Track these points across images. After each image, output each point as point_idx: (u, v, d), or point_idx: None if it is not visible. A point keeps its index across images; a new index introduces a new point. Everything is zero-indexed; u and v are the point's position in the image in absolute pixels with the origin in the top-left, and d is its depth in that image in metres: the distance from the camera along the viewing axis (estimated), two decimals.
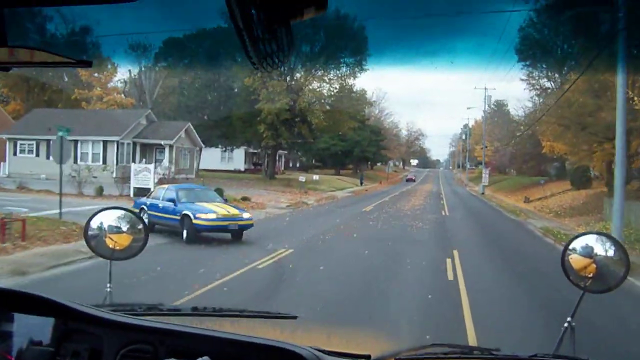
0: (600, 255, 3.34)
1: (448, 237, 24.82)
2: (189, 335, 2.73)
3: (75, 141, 50.94)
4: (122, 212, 3.85)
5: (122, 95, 75.50)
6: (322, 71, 62.49)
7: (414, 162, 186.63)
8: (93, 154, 51.51)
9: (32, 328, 2.81)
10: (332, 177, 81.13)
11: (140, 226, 3.81)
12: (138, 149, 54.38)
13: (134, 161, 51.45)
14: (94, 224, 3.72)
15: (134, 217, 3.87)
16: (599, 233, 3.62)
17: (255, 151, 75.99)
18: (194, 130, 58.05)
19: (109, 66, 69.34)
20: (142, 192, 36.67)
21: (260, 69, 1.71)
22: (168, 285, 13.03)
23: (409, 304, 12.33)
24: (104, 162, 48.80)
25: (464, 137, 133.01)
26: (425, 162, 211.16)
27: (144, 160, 52.13)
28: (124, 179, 38.33)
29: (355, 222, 28.58)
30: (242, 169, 77.28)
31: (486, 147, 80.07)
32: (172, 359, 2.52)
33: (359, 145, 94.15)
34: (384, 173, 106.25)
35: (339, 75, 64.62)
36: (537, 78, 61.70)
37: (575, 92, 37.20)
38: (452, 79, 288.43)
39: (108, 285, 3.69)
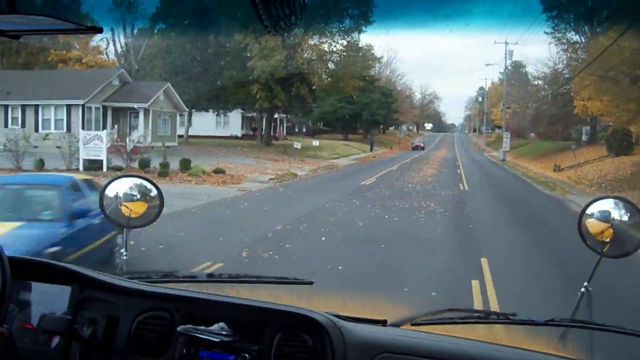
0: (617, 219, 3.22)
1: (471, 229, 17.13)
2: (205, 302, 2.72)
3: (36, 106, 44.85)
4: (138, 179, 3.67)
5: (105, 56, 69.34)
6: (323, 23, 55.39)
7: (429, 126, 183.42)
8: (56, 120, 44.94)
9: (49, 296, 2.84)
10: (338, 143, 75.39)
11: (156, 193, 3.57)
12: (109, 113, 47.67)
13: (104, 128, 45.10)
14: (110, 192, 3.55)
15: (150, 184, 3.62)
16: (616, 197, 3.37)
17: (253, 115, 69.30)
18: (175, 92, 51.10)
19: (89, 23, 62.42)
20: (94, 164, 30.50)
21: (272, 32, 1.74)
22: None
23: None
24: (68, 129, 41.83)
25: (480, 99, 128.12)
26: (440, 126, 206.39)
27: (115, 126, 45.77)
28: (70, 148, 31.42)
29: (343, 205, 21.31)
30: (239, 135, 71.14)
31: (508, 107, 73.11)
32: (189, 325, 2.49)
33: (368, 108, 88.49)
34: (396, 138, 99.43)
35: (342, 29, 57.42)
36: (563, 31, 55.97)
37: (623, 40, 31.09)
38: (467, 43, 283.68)
39: (124, 252, 3.64)
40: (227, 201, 22.09)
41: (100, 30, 2.21)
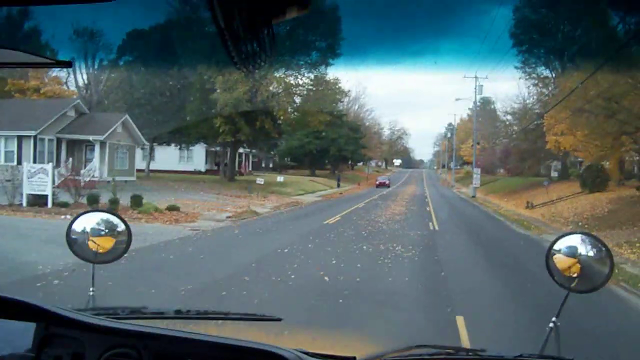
0: (584, 255, 3.35)
1: (442, 278, 14.94)
2: (173, 339, 2.67)
3: None
4: (104, 214, 3.74)
5: (65, 86, 67.17)
6: (289, 56, 53.68)
7: (397, 162, 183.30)
8: (6, 152, 42.57)
9: (12, 333, 2.84)
10: (305, 178, 73.94)
11: (123, 228, 3.66)
12: (63, 146, 45.35)
13: (58, 160, 42.97)
14: (76, 227, 3.62)
15: (117, 219, 3.70)
16: (582, 232, 3.48)
17: (217, 150, 67.39)
18: (134, 124, 48.95)
19: (48, 53, 60.35)
20: (38, 200, 28.33)
21: (242, 69, 1.74)
22: None
23: None
24: (19, 162, 39.41)
25: (449, 135, 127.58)
26: (409, 162, 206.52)
27: (70, 159, 43.49)
28: (14, 182, 29.19)
29: (301, 249, 19.16)
30: (203, 170, 69.27)
31: (478, 143, 71.84)
32: None
33: (335, 143, 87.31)
34: (364, 174, 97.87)
35: (309, 62, 55.76)
36: (533, 65, 55.76)
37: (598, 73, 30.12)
38: (436, 79, 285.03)
39: (91, 289, 3.60)
40: (174, 243, 19.86)
41: (69, 65, 2.30)
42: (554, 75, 54.56)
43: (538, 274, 14.48)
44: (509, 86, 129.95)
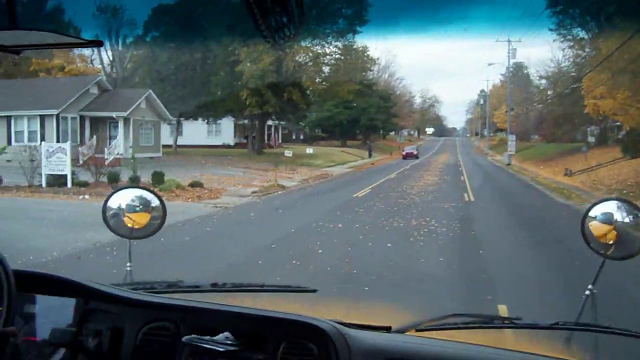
0: (620, 221, 3.27)
1: (481, 258, 13.60)
2: (210, 312, 2.72)
3: (8, 117, 41.78)
4: (139, 190, 3.78)
5: (90, 64, 66.47)
6: (315, 25, 52.19)
7: (430, 130, 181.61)
8: (29, 132, 41.80)
9: (53, 309, 2.85)
10: (335, 150, 72.79)
11: (157, 204, 3.68)
12: (87, 124, 44.42)
13: (82, 139, 42.13)
14: (112, 203, 3.65)
15: (151, 194, 3.72)
16: (618, 199, 3.49)
17: (246, 123, 66.22)
18: (158, 100, 47.92)
19: (71, 31, 59.63)
20: (57, 180, 27.48)
21: (271, 42, 1.74)
22: None
23: None
24: (42, 141, 38.60)
25: (481, 101, 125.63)
26: (442, 130, 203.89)
27: (94, 137, 42.60)
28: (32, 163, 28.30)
29: (326, 226, 17.85)
30: (232, 144, 68.16)
31: (512, 109, 69.99)
32: (193, 336, 2.49)
33: (366, 113, 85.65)
34: (396, 143, 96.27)
35: (336, 30, 54.26)
36: (569, 27, 53.03)
37: None
38: (467, 46, 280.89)
39: (128, 264, 3.67)
40: (193, 223, 18.65)
41: (100, 44, 2.29)
42: (590, 36, 52.42)
43: (588, 251, 12.99)
44: (542, 51, 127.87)
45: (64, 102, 41.66)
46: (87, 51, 64.33)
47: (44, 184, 27.54)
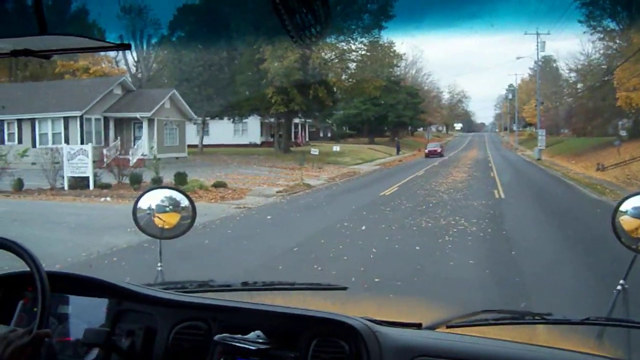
0: None
1: (513, 260, 12.80)
2: (241, 311, 2.77)
3: (32, 120, 41.67)
4: (169, 191, 3.84)
5: (115, 65, 66.49)
6: (340, 21, 51.55)
7: (458, 126, 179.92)
8: (53, 134, 41.69)
9: (86, 309, 2.89)
10: (363, 147, 71.80)
11: (187, 204, 3.73)
12: (111, 125, 44.17)
13: (106, 140, 41.93)
14: (142, 204, 3.72)
15: (180, 194, 3.79)
16: None
17: (272, 121, 65.76)
18: (182, 99, 47.58)
19: (95, 32, 59.53)
20: (80, 182, 27.18)
21: (298, 41, 1.75)
22: None
23: None
24: (67, 143, 38.31)
25: (510, 96, 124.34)
26: (470, 125, 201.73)
27: (118, 138, 42.39)
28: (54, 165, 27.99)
29: (351, 227, 17.20)
30: (258, 142, 67.90)
31: (542, 103, 68.88)
32: (225, 334, 2.53)
33: (394, 109, 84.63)
34: (424, 139, 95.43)
35: (361, 26, 53.62)
36: (599, 19, 52.15)
37: None
38: (495, 40, 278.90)
39: (159, 264, 3.73)
40: (214, 225, 18.09)
41: (128, 47, 2.27)
42: (621, 27, 51.34)
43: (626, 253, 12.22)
44: (571, 44, 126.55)
45: (87, 104, 41.52)
46: (112, 52, 64.53)
47: (66, 187, 27.36)
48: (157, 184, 25.97)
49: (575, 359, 2.51)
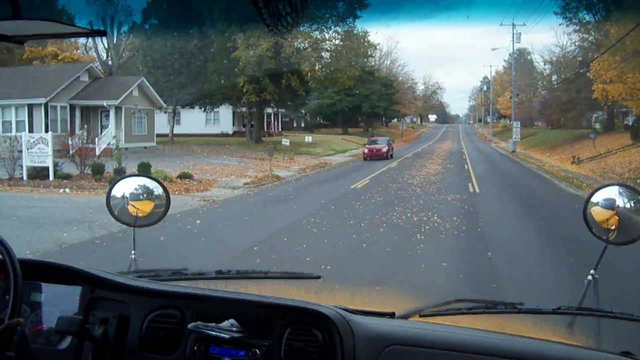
0: (622, 207, 3.29)
1: (489, 262, 11.76)
2: (215, 299, 2.72)
3: None
4: (143, 179, 3.77)
5: (85, 51, 65.18)
6: (314, 9, 50.53)
7: (432, 117, 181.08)
8: (17, 121, 40.29)
9: (59, 297, 2.87)
10: (337, 138, 71.51)
11: (161, 192, 3.67)
12: (77, 113, 42.84)
13: (72, 128, 40.66)
14: (116, 192, 3.67)
15: (154, 182, 3.71)
16: (620, 184, 3.54)
17: (244, 110, 64.79)
18: (151, 87, 46.41)
19: (64, 18, 58.24)
20: (39, 172, 26.14)
21: (274, 30, 1.76)
22: None
23: None
24: (30, 132, 36.96)
25: (484, 88, 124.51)
26: (445, 117, 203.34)
27: (85, 127, 41.11)
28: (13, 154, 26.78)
29: (317, 223, 16.26)
30: (230, 132, 67.02)
31: (517, 95, 68.40)
32: (199, 322, 2.51)
33: (368, 100, 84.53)
34: (398, 131, 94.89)
35: (335, 15, 52.64)
36: (575, 10, 52.14)
37: None
38: (470, 32, 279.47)
39: (132, 252, 3.67)
40: (174, 218, 16.81)
41: (103, 33, 2.42)
42: (597, 19, 50.89)
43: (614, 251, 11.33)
44: (545, 37, 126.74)
45: (52, 91, 40.21)
46: (81, 39, 63.20)
47: (25, 177, 26.24)
48: (120, 174, 24.99)
49: (547, 348, 2.50)
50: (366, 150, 48.56)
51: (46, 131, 35.99)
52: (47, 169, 26.40)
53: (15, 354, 2.27)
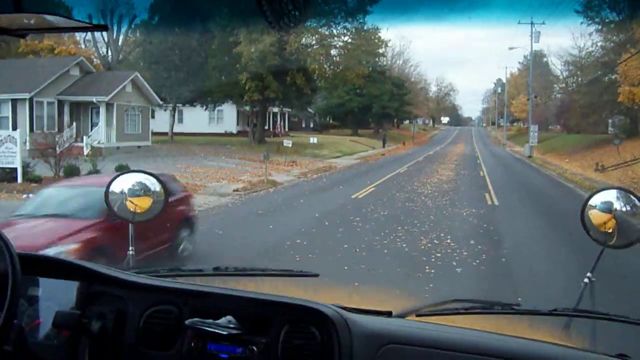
0: (619, 210, 3.31)
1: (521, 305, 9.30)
2: (212, 295, 2.73)
3: None
4: (140, 175, 3.78)
5: (82, 45, 62.83)
6: (321, 3, 47.88)
7: (445, 119, 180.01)
8: (1, 118, 37.66)
9: (57, 292, 2.85)
10: (345, 139, 68.81)
11: (159, 188, 3.71)
12: (66, 109, 40.19)
13: (60, 125, 38.17)
14: (115, 188, 3.68)
15: (152, 178, 3.74)
16: (618, 188, 3.48)
17: (247, 109, 62.33)
18: (146, 83, 43.87)
19: (62, 11, 56.27)
20: (8, 174, 23.73)
21: (276, 28, 1.76)
22: None
23: None
24: (14, 128, 34.28)
25: (499, 90, 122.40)
26: (457, 119, 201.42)
27: (74, 124, 38.60)
28: None
29: (301, 251, 13.13)
30: (235, 131, 65.19)
31: (535, 96, 65.59)
32: (196, 319, 2.50)
33: (379, 100, 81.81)
34: (410, 132, 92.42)
35: (344, 10, 50.00)
36: (597, 9, 49.67)
37: None
38: (484, 35, 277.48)
39: (130, 248, 3.67)
40: None
41: (105, 28, 2.82)
42: (621, 18, 48.23)
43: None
44: (562, 40, 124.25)
45: (38, 85, 37.62)
46: (79, 33, 61.06)
47: None
48: None
49: (543, 349, 2.48)
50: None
51: (31, 128, 33.50)
52: (14, 170, 23.82)
53: (12, 348, 2.23)
